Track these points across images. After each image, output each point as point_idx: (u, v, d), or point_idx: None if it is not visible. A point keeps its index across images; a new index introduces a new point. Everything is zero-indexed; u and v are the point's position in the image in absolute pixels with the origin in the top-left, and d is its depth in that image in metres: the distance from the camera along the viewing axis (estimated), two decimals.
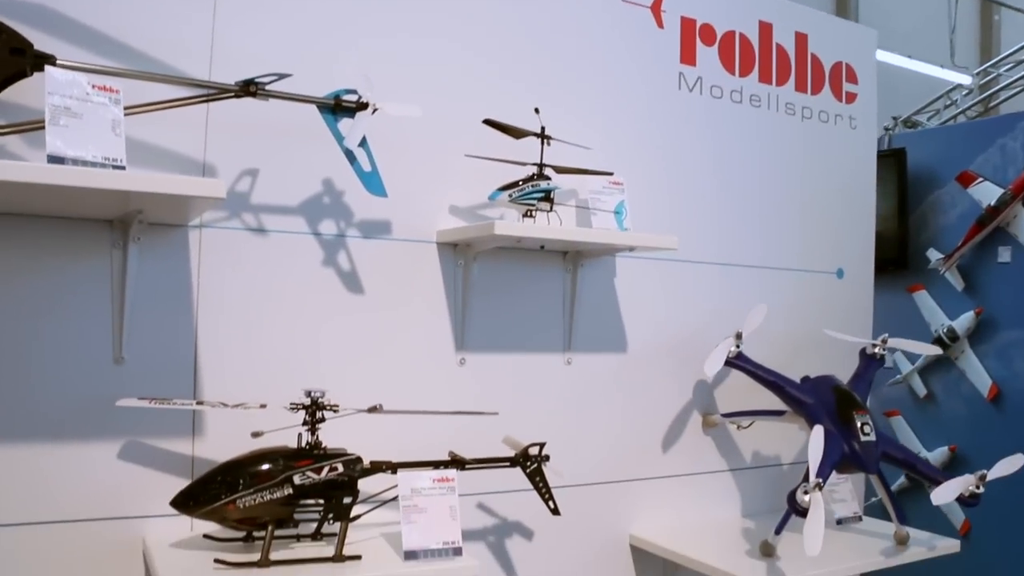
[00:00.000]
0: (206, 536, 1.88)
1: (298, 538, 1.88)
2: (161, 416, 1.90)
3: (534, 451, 2.05)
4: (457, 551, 1.83)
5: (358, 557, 1.80)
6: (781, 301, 2.73)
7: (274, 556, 1.75)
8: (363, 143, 1.86)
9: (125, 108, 1.55)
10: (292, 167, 2.05)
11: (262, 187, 2.03)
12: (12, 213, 1.80)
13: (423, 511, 1.84)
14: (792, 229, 2.82)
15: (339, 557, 1.78)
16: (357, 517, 1.86)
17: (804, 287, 2.84)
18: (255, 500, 1.74)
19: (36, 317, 1.83)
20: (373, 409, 1.84)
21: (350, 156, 1.87)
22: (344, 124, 1.88)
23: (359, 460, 1.84)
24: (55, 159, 1.46)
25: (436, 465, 1.91)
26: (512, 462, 2.04)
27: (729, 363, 2.43)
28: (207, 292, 1.97)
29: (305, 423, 1.83)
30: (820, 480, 2.04)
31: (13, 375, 1.81)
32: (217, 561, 1.74)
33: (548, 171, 2.15)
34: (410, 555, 1.80)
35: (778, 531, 2.24)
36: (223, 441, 1.87)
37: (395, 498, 1.84)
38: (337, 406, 1.83)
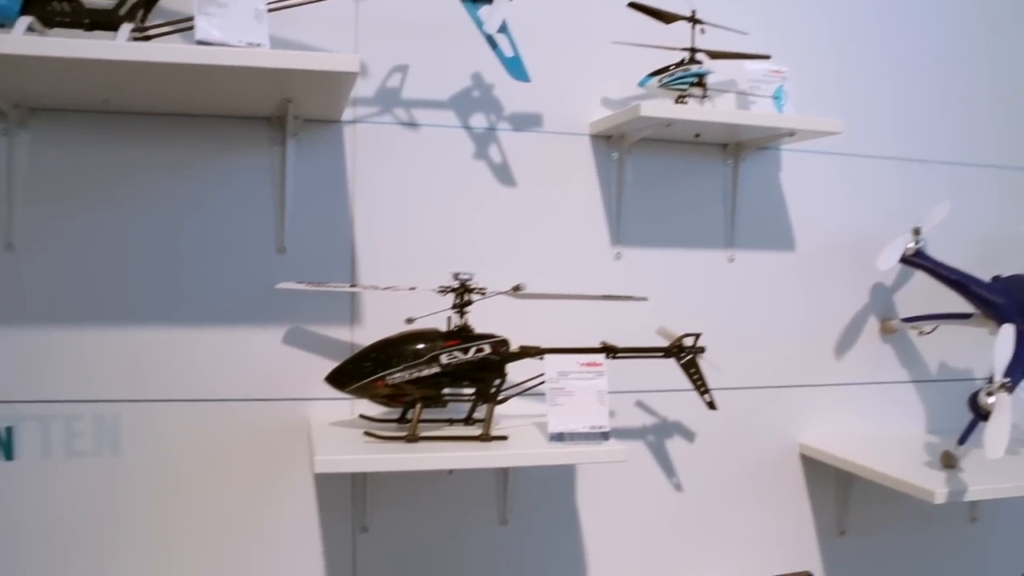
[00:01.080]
0: (363, 416, 1.96)
1: (450, 422, 1.93)
2: (321, 304, 2.01)
3: (688, 341, 2.01)
4: (604, 435, 1.83)
5: (504, 438, 1.83)
6: (969, 199, 2.53)
7: (423, 435, 1.82)
8: (503, 29, 1.87)
9: (270, 4, 1.63)
10: (442, 62, 2.10)
11: (412, 83, 2.08)
12: (182, 114, 1.95)
13: (570, 394, 1.85)
14: (982, 118, 2.59)
15: (485, 437, 1.82)
16: (504, 400, 1.89)
17: (998, 184, 2.61)
18: (404, 377, 1.80)
19: (205, 211, 1.98)
20: (517, 288, 1.86)
21: (491, 42, 1.89)
22: (484, 11, 1.89)
23: (506, 343, 1.87)
24: (203, 43, 1.56)
25: (585, 352, 1.90)
26: (666, 352, 2.01)
27: (906, 261, 2.29)
28: (362, 185, 2.05)
29: (454, 307, 1.87)
30: (1008, 381, 1.90)
31: (186, 265, 1.98)
32: (367, 434, 1.82)
33: (701, 56, 2.09)
34: (556, 437, 1.82)
35: (962, 441, 2.11)
36: (379, 327, 1.94)
37: (542, 382, 1.84)
38: (485, 289, 1.86)
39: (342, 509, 2.07)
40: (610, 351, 1.94)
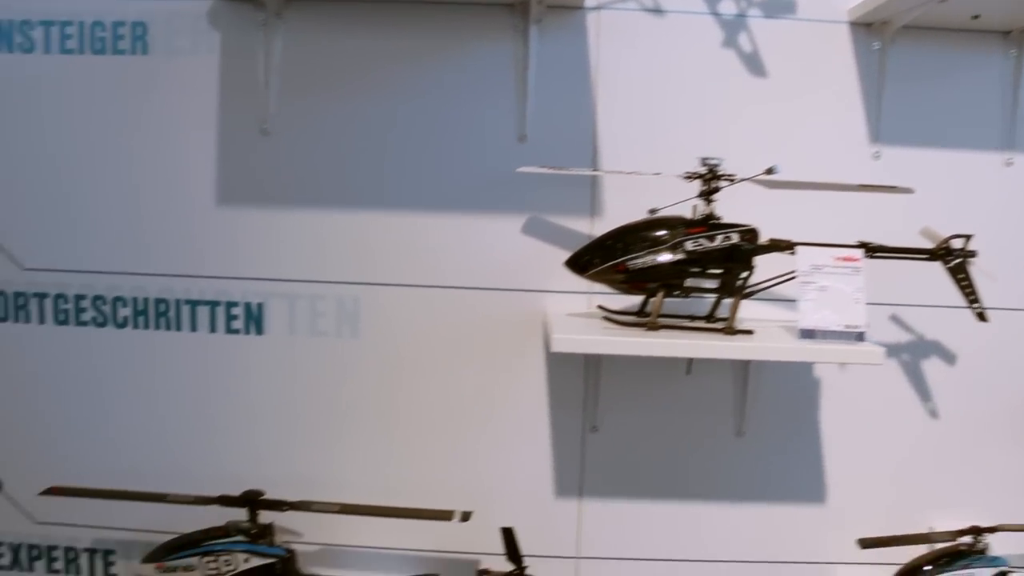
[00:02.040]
0: (600, 307, 1.93)
1: (691, 319, 1.86)
2: (562, 194, 2.00)
3: (958, 244, 1.84)
4: (860, 335, 1.70)
5: (750, 331, 1.74)
6: None
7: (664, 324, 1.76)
8: None
9: None
10: None
11: None
12: (429, 2, 1.97)
13: (823, 290, 1.74)
14: None
15: (729, 329, 1.74)
16: (750, 294, 1.80)
17: None
18: (646, 263, 1.74)
19: (447, 99, 2.01)
20: (769, 171, 1.75)
21: None
22: None
23: (755, 232, 1.77)
24: None
25: (841, 247, 1.78)
26: (931, 254, 1.85)
27: None
28: (605, 72, 2.01)
29: (700, 194, 1.80)
30: None
31: (428, 152, 2.02)
32: (606, 318, 1.79)
33: None
34: (806, 334, 1.71)
35: None
36: (620, 219, 1.89)
37: (793, 278, 1.75)
38: (733, 175, 1.77)
39: (573, 408, 2.05)
40: (869, 248, 1.80)
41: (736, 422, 2.07)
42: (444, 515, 1.87)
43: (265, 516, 1.95)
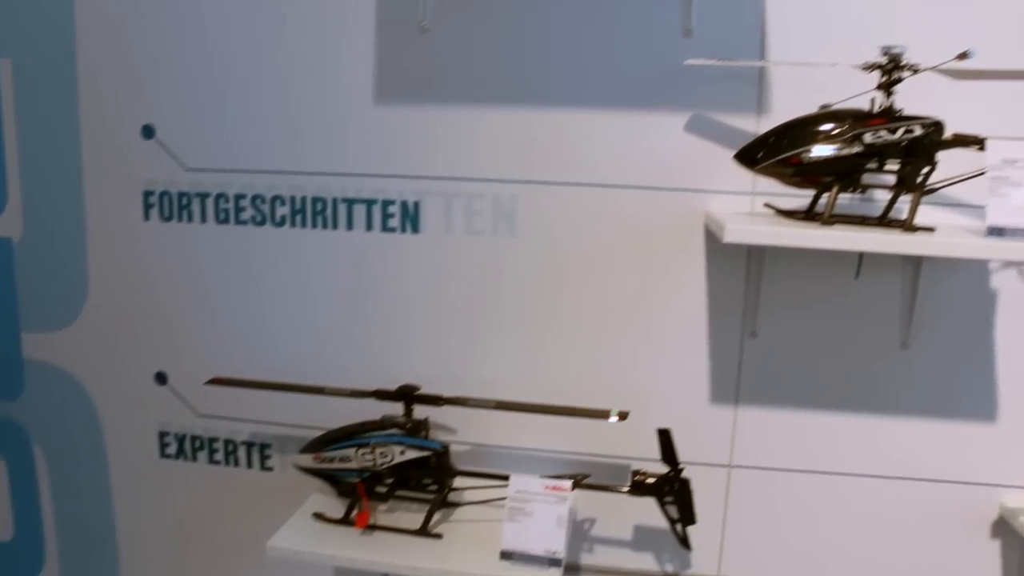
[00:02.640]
0: (767, 205, 1.86)
1: (862, 219, 1.78)
2: (727, 91, 1.93)
3: None
4: None
5: (931, 229, 1.66)
6: None
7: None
8: None
9: None
10: None
11: None
12: None
13: (1017, 185, 1.64)
14: None
15: (908, 226, 1.67)
16: (932, 191, 1.71)
17: None
18: (821, 156, 1.67)
19: None
20: (963, 56, 1.65)
21: None
22: None
23: (940, 126, 1.68)
24: None
25: None
26: None
27: None
28: None
29: (879, 86, 1.71)
30: None
31: (588, 47, 1.97)
32: (777, 212, 1.72)
33: None
34: (994, 231, 1.65)
35: None
36: (789, 116, 1.81)
37: (981, 174, 1.65)
38: (917, 65, 1.67)
39: (732, 312, 2.01)
40: None
41: (902, 332, 1.98)
42: (601, 414, 1.85)
43: (420, 412, 1.95)
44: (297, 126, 2.08)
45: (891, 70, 1.70)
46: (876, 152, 1.68)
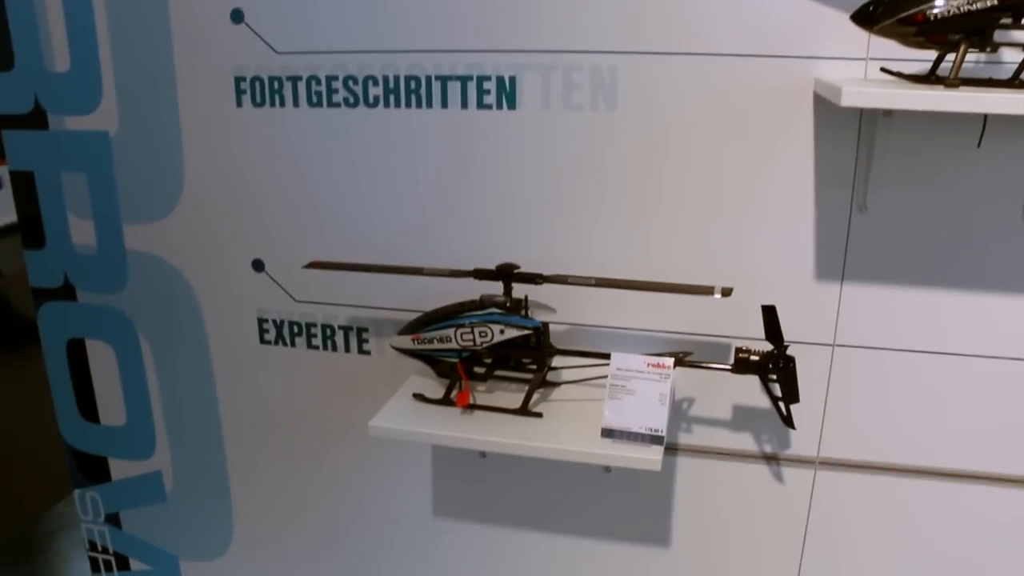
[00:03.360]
0: (883, 70, 1.73)
1: (990, 82, 1.64)
2: None
3: None
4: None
5: None
6: None
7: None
8: None
9: None
10: None
11: None
12: None
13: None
14: None
15: None
16: None
17: None
18: (948, 9, 1.53)
19: None
20: None
21: None
22: None
23: None
24: None
25: None
26: None
27: None
28: None
29: None
30: None
31: None
32: (892, 74, 1.59)
33: None
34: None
35: None
36: None
37: None
38: None
39: (841, 185, 1.89)
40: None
41: None
42: (704, 290, 1.78)
43: (519, 292, 1.90)
44: (387, 2, 1.97)
45: None
46: (1012, 4, 1.53)
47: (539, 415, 1.86)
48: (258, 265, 2.24)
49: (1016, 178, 1.80)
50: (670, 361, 1.77)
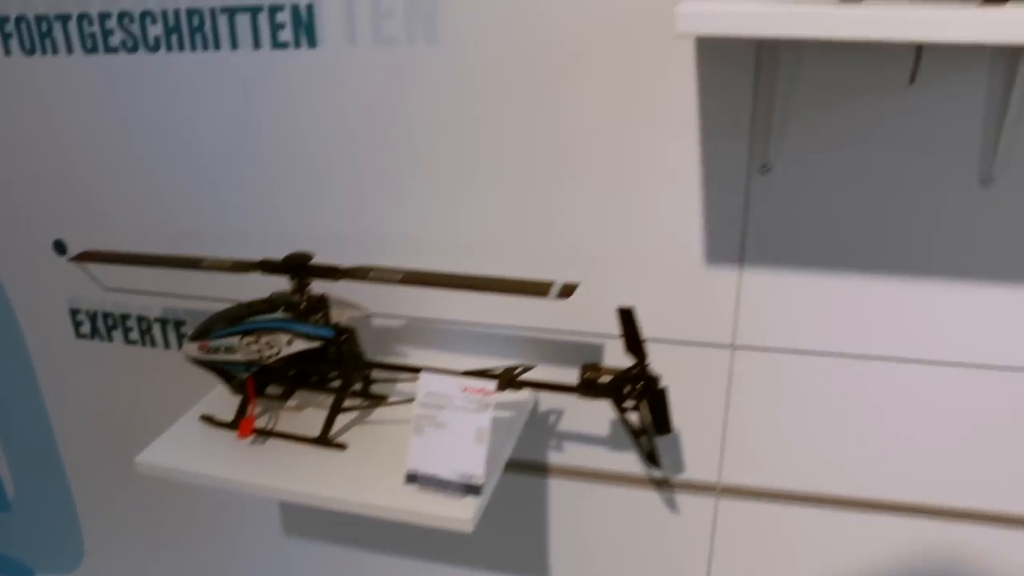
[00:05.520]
0: None
1: None
2: None
3: None
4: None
5: None
6: None
7: None
8: None
9: None
10: None
11: None
12: None
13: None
14: None
15: None
16: None
17: None
18: None
19: None
20: None
21: None
22: None
23: None
24: None
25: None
26: None
27: None
28: None
29: None
30: None
31: None
32: None
33: None
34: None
35: None
36: None
37: None
38: None
39: (735, 138, 1.33)
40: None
41: (983, 161, 1.22)
42: (539, 288, 1.21)
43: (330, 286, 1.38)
44: None
45: None
46: None
47: (342, 447, 1.34)
48: (60, 247, 1.74)
49: (969, 126, 1.19)
50: (491, 385, 1.23)
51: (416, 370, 1.30)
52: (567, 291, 1.24)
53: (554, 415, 1.55)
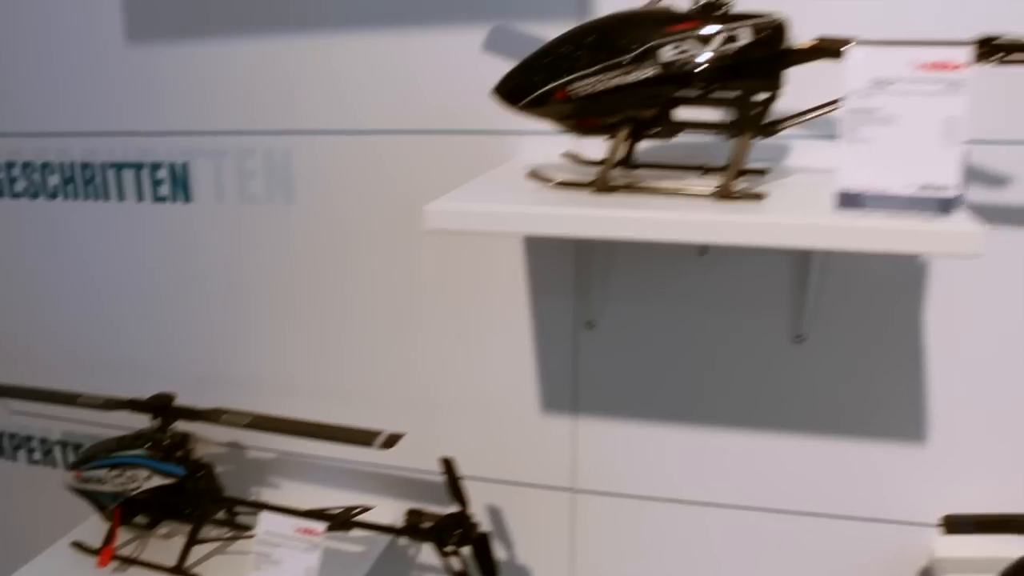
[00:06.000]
0: (568, 155, 1.20)
1: (699, 169, 1.10)
2: None
3: None
4: (946, 204, 0.90)
5: (757, 196, 0.98)
6: None
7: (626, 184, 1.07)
8: None
9: None
10: None
11: None
12: None
13: (888, 122, 0.91)
14: None
15: (724, 192, 1.00)
16: (774, 131, 1.01)
17: None
18: (597, 85, 1.00)
19: None
20: None
21: None
22: None
23: (782, 27, 0.96)
24: None
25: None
26: None
27: None
28: None
29: None
30: None
31: None
32: (532, 176, 1.06)
33: None
34: (846, 200, 0.93)
35: None
36: None
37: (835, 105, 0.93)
38: None
39: (562, 297, 1.40)
40: (990, 45, 0.95)
41: (794, 321, 1.27)
42: (365, 437, 1.27)
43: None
44: (52, 76, 1.54)
45: None
46: (683, 76, 0.98)
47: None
48: None
49: (778, 289, 1.25)
50: (321, 527, 1.28)
51: (258, 505, 1.36)
52: (391, 442, 1.30)
53: (414, 548, 1.59)
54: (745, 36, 0.99)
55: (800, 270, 1.26)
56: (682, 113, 1.07)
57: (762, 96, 1.02)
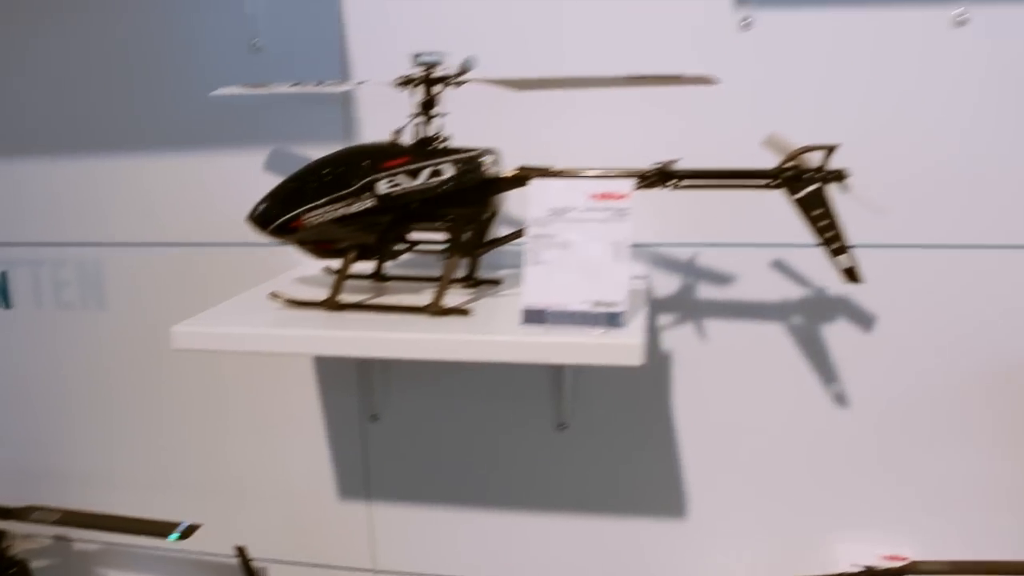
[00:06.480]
0: (328, 271, 1.29)
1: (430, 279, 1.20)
2: (310, 116, 1.43)
3: (815, 159, 1.04)
4: (613, 317, 1.00)
5: (463, 312, 1.07)
6: None
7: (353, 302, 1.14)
8: None
9: None
10: None
11: None
12: None
13: (563, 247, 1.01)
14: None
15: (435, 308, 1.07)
16: (482, 251, 1.11)
17: None
18: (326, 215, 1.09)
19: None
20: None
21: None
22: None
23: (481, 162, 1.06)
24: None
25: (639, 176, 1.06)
26: (772, 177, 1.06)
27: None
28: None
29: (421, 107, 1.10)
30: None
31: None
32: (273, 295, 1.15)
33: None
34: (531, 317, 1.00)
35: None
36: None
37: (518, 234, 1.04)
38: (463, 75, 1.07)
39: (347, 393, 1.47)
40: (667, 175, 1.05)
41: (555, 411, 1.37)
42: (162, 529, 1.34)
43: None
44: None
45: (428, 83, 1.09)
46: (399, 206, 1.08)
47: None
48: None
49: (537, 382, 1.34)
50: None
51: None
52: (187, 533, 1.37)
53: None
54: (448, 170, 1.09)
55: (555, 365, 1.35)
56: (415, 234, 1.16)
57: (474, 223, 1.12)
